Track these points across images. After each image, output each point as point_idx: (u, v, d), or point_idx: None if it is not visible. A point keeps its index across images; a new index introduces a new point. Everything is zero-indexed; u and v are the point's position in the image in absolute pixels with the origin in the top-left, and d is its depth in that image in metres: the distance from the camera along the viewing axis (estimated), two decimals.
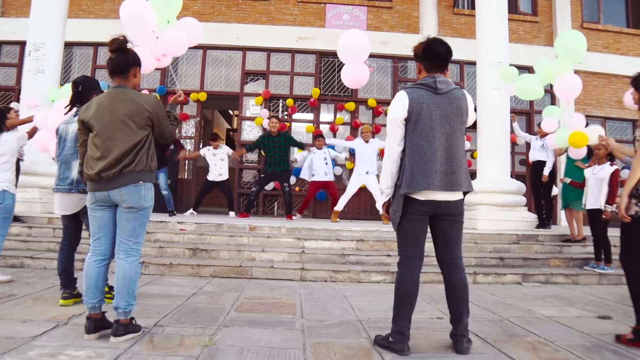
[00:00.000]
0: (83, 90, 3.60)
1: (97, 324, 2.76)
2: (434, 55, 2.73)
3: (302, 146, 8.51)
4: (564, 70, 5.04)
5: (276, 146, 8.17)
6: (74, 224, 3.67)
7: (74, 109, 3.64)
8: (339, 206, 8.06)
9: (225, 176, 8.74)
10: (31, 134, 4.43)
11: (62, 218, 3.68)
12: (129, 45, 2.89)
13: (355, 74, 4.73)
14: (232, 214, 8.74)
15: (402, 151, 2.72)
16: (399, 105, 2.67)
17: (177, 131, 8.44)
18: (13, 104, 10.05)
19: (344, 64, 4.82)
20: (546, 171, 7.18)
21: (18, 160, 5.51)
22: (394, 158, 2.72)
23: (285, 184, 8.23)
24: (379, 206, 8.06)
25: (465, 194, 2.79)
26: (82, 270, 2.88)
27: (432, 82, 2.69)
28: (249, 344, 2.75)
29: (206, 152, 8.82)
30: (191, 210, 8.78)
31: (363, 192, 9.61)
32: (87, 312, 2.78)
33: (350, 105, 10.37)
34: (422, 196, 2.65)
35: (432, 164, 2.61)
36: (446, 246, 2.78)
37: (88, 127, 2.81)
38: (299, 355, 2.59)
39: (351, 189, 8.00)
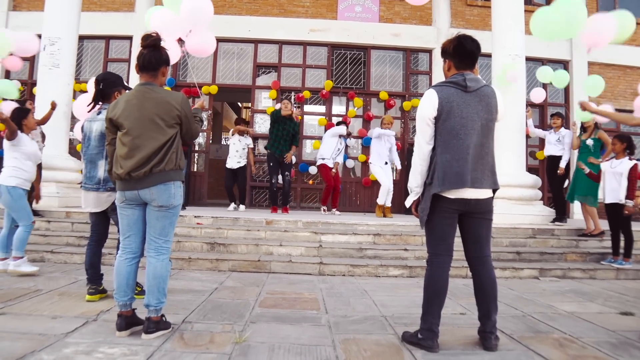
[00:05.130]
0: (104, 88, 3.60)
1: (128, 321, 2.79)
2: (465, 52, 2.71)
3: (296, 143, 8.31)
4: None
5: (287, 128, 8.00)
6: (102, 220, 3.69)
7: (97, 107, 3.65)
8: (381, 200, 8.11)
9: (243, 163, 8.62)
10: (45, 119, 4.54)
11: (90, 215, 3.71)
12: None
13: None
14: (242, 207, 8.67)
15: (431, 150, 2.71)
16: (429, 104, 2.66)
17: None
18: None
19: (355, 57, 4.71)
20: (562, 163, 7.12)
21: None
22: (423, 157, 2.71)
23: (287, 172, 8.12)
24: (382, 199, 8.09)
25: (494, 191, 2.78)
26: (106, 266, 2.90)
27: (461, 80, 2.68)
28: (278, 340, 2.77)
29: (232, 136, 8.73)
30: (236, 206, 8.66)
31: (375, 185, 9.63)
32: (118, 310, 2.80)
33: (358, 102, 10.33)
34: (452, 194, 2.65)
35: (463, 163, 2.61)
36: (476, 244, 2.78)
37: (116, 125, 2.81)
38: (329, 352, 2.61)
39: (385, 180, 8.04)
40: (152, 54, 2.82)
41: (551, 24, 4.20)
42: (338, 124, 8.82)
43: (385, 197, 8.07)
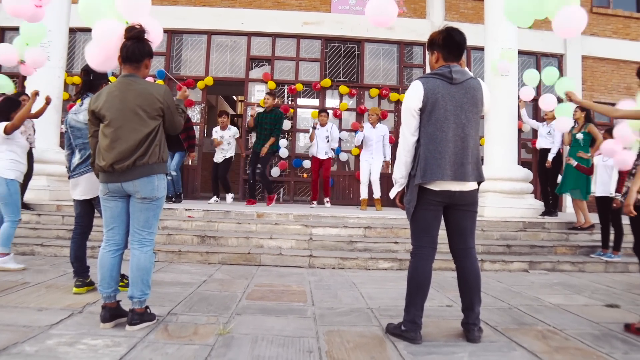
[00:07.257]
0: (94, 79, 3.57)
1: (112, 313, 2.79)
2: (453, 44, 2.71)
3: (277, 133, 8.01)
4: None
5: (266, 121, 7.91)
6: (87, 211, 3.67)
7: (83, 98, 3.62)
8: (362, 194, 8.24)
9: (228, 155, 8.62)
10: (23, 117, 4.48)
11: (75, 206, 3.69)
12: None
13: (379, 10, 3.94)
14: (229, 198, 8.62)
15: (416, 141, 2.71)
16: (414, 95, 2.66)
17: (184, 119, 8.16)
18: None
19: (349, 50, 4.52)
20: (550, 157, 7.14)
21: (30, 149, 5.58)
22: (408, 148, 2.72)
23: (259, 165, 7.94)
24: (364, 194, 8.13)
25: (479, 183, 2.79)
26: (95, 258, 2.90)
27: (447, 72, 2.67)
28: (262, 332, 2.78)
29: (215, 134, 8.76)
30: (217, 199, 8.64)
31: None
32: (102, 302, 2.80)
33: (344, 89, 10.31)
34: (436, 186, 2.65)
35: (447, 155, 2.61)
36: (460, 236, 2.79)
37: (98, 117, 2.80)
38: (312, 343, 2.62)
39: (364, 176, 8.14)
40: (136, 45, 2.80)
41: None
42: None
43: (364, 191, 8.19)
